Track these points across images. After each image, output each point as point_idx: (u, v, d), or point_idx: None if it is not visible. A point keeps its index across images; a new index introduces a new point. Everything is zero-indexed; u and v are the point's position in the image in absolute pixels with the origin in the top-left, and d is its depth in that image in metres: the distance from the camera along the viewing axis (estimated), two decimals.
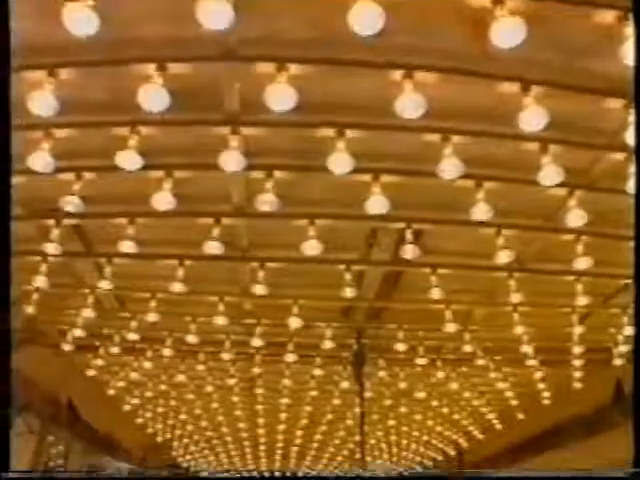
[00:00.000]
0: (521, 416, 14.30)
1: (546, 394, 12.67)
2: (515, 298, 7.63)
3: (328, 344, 9.24)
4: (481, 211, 5.64)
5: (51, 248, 6.51)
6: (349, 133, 4.94)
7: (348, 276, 7.24)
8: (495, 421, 15.29)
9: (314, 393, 12.54)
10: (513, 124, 4.60)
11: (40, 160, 4.97)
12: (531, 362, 10.54)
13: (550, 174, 5.14)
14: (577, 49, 4.39)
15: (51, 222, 6.47)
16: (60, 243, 6.52)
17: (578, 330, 9.04)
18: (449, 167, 4.96)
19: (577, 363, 10.70)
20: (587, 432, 13.10)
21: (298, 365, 10.54)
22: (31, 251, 6.98)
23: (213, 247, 6.30)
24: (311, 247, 6.13)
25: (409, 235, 6.37)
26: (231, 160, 4.94)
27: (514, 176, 5.69)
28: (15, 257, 6.22)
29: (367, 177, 5.49)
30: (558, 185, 5.34)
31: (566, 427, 14.00)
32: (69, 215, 6.18)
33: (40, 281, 7.26)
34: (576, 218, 5.85)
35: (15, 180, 4.85)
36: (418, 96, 4.32)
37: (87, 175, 5.69)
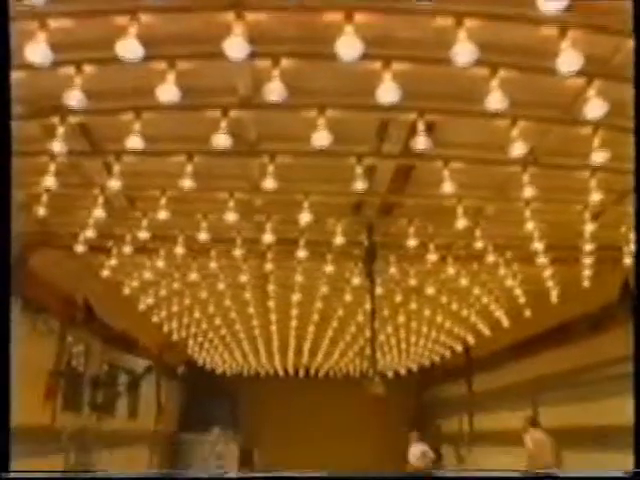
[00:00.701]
0: (528, 313, 14.44)
1: (555, 292, 12.73)
2: (528, 193, 7.46)
3: (339, 240, 9.20)
4: (495, 100, 5.43)
5: (57, 147, 6.39)
6: (357, 17, 4.69)
7: (359, 170, 7.11)
8: (503, 318, 15.49)
9: (325, 290, 12.59)
10: (531, 4, 4.35)
11: (38, 53, 4.80)
12: (541, 259, 10.48)
13: (569, 60, 4.90)
14: None
15: (55, 120, 6.31)
16: (66, 142, 6.39)
17: (590, 228, 8.92)
18: (463, 51, 4.73)
19: (587, 261, 10.65)
20: (593, 330, 13.30)
21: (309, 262, 10.57)
22: (37, 152, 6.89)
23: (221, 141, 6.15)
24: (322, 138, 5.94)
25: (421, 126, 6.18)
26: (235, 47, 4.72)
27: (531, 63, 5.45)
28: (21, 158, 6.17)
29: (377, 64, 5.26)
30: (577, 74, 5.13)
31: (572, 324, 14.21)
32: (72, 112, 6.04)
33: (49, 182, 7.18)
34: (595, 109, 5.63)
35: (14, 76, 4.68)
36: None
37: (88, 68, 5.49)
